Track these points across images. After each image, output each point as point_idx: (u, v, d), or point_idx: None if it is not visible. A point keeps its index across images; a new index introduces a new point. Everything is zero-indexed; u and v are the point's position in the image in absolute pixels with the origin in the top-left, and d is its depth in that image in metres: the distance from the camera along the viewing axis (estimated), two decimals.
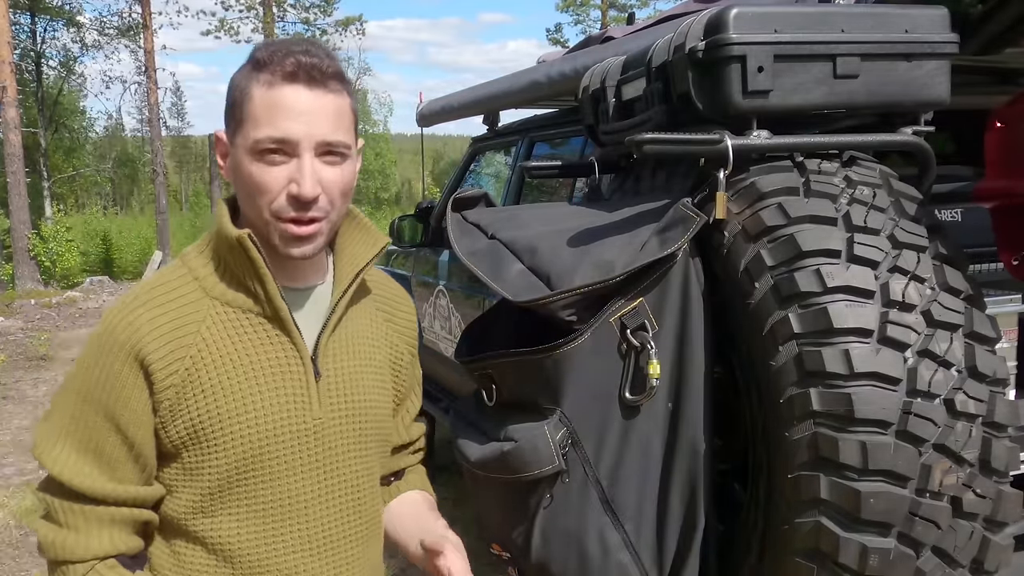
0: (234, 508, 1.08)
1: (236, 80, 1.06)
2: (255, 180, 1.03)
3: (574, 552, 1.54)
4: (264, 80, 1.02)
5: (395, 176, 36.65)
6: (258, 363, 1.07)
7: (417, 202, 4.54)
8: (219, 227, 1.08)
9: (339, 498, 1.14)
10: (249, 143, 1.02)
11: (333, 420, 1.13)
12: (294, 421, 1.09)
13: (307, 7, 26.74)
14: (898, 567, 1.33)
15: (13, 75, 14.94)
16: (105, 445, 1.04)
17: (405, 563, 3.68)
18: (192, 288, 1.08)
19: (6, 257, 16.27)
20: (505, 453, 1.55)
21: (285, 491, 1.09)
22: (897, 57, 1.55)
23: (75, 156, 28.80)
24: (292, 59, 1.02)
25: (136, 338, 1.03)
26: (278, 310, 1.08)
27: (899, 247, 1.41)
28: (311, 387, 1.10)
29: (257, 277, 1.07)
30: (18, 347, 9.01)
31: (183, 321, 1.05)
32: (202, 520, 1.08)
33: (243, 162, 1.04)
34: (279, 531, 1.09)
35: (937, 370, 1.35)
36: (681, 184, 1.66)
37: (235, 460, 1.06)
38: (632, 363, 1.50)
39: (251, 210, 1.06)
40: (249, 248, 1.05)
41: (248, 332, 1.08)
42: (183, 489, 1.08)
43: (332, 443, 1.13)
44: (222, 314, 1.07)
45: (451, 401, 3.84)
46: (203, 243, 1.13)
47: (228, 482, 1.06)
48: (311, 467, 1.11)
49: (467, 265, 1.70)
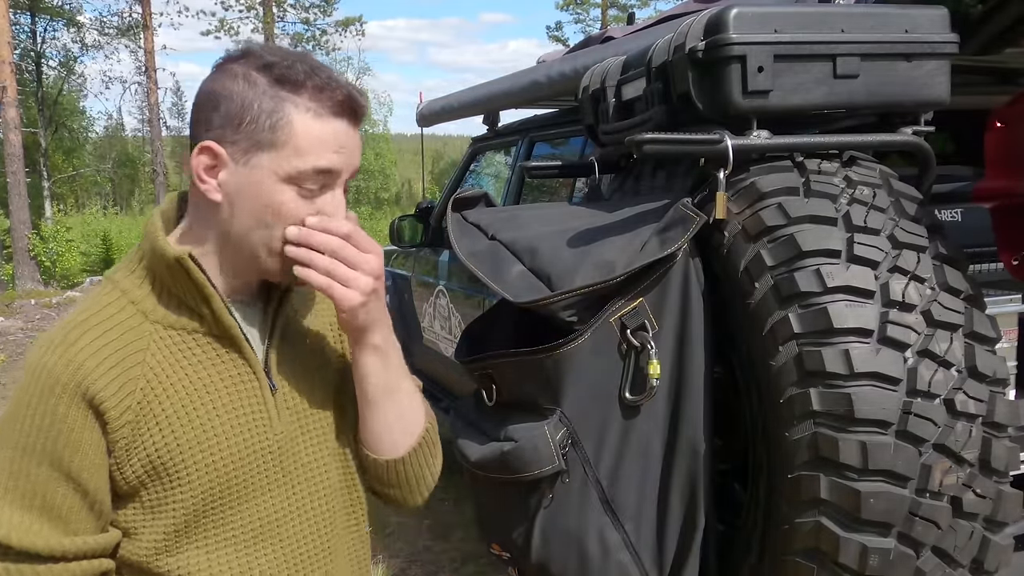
0: (202, 540, 1.01)
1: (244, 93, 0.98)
2: (282, 207, 0.98)
3: (574, 552, 1.54)
4: (307, 107, 0.97)
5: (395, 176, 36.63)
6: (212, 385, 1.01)
7: (417, 202, 4.54)
8: (154, 247, 1.01)
9: (310, 512, 1.09)
10: (287, 171, 0.97)
11: (294, 433, 1.08)
12: (256, 440, 1.03)
13: (307, 7, 26.74)
14: (898, 567, 1.33)
15: (13, 75, 14.94)
16: (55, 497, 0.95)
17: (405, 563, 3.68)
18: (129, 313, 1.00)
19: (6, 257, 16.28)
20: (505, 453, 1.55)
21: (255, 514, 1.04)
22: (897, 57, 1.55)
23: (75, 156, 28.79)
24: (342, 93, 0.99)
25: (81, 375, 0.94)
26: (227, 328, 1.02)
27: (899, 247, 1.41)
28: (268, 402, 1.05)
29: (202, 297, 1.00)
30: (18, 347, 9.01)
31: (127, 351, 0.97)
32: (167, 559, 1.00)
33: (268, 186, 0.98)
34: (253, 556, 1.03)
35: (937, 370, 1.35)
36: (681, 184, 1.66)
37: (201, 491, 0.99)
38: (632, 363, 1.50)
39: (256, 235, 1.00)
40: (191, 270, 0.99)
41: (196, 354, 1.01)
42: (144, 529, 1.00)
43: (296, 456, 1.08)
44: (166, 338, 1.00)
45: (451, 401, 3.84)
46: (132, 262, 1.04)
47: (195, 515, 0.99)
48: (277, 485, 1.05)
49: (468, 266, 1.70)
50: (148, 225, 1.04)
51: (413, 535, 3.97)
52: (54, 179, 24.34)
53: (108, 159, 33.14)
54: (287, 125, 0.97)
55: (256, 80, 0.97)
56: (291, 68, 0.98)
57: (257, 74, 0.98)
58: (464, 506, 4.15)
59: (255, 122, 0.97)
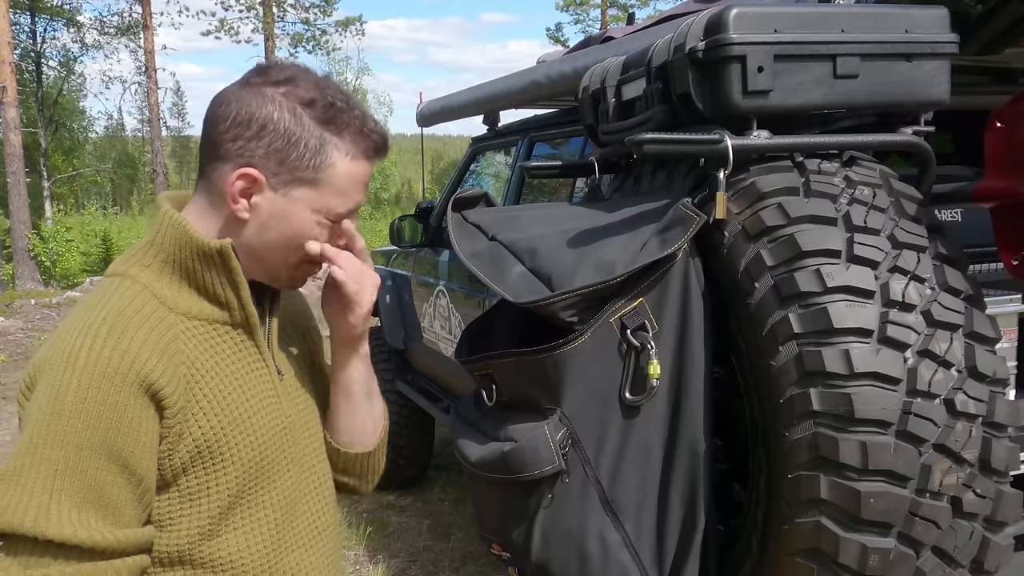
0: (238, 522, 1.05)
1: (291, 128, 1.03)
2: (310, 233, 1.07)
3: (574, 552, 1.54)
4: (347, 151, 1.06)
5: (395, 176, 36.62)
6: (239, 371, 1.07)
7: (417, 202, 4.54)
8: (187, 239, 1.03)
9: (316, 490, 1.18)
10: (325, 207, 1.07)
11: (299, 415, 1.16)
12: (276, 422, 1.11)
13: (307, 7, 26.74)
14: (898, 567, 1.33)
15: (13, 75, 14.94)
16: (110, 490, 0.93)
17: (405, 563, 3.68)
18: (155, 305, 1.02)
19: (6, 257, 16.27)
20: (505, 453, 1.55)
21: (279, 492, 1.10)
22: (897, 57, 1.55)
23: (75, 156, 28.79)
24: (377, 138, 1.09)
25: (139, 364, 0.95)
26: (249, 316, 1.08)
27: (899, 247, 1.41)
28: (278, 386, 1.13)
29: (232, 285, 1.06)
30: (18, 347, 9.01)
31: (167, 339, 1.00)
32: (206, 545, 1.03)
33: (302, 217, 1.06)
34: (280, 534, 1.10)
35: (937, 370, 1.35)
36: (681, 184, 1.66)
37: (238, 474, 1.04)
38: (632, 363, 1.50)
39: (278, 253, 1.08)
40: (230, 258, 1.04)
41: (219, 342, 1.06)
42: (181, 519, 1.01)
43: (302, 437, 1.16)
44: (190, 328, 1.04)
45: (451, 401, 3.84)
46: (145, 256, 1.06)
47: (231, 498, 1.04)
48: (292, 464, 1.13)
49: (469, 267, 1.70)
50: (170, 220, 1.06)
51: (413, 535, 3.97)
52: (54, 179, 24.34)
53: (108, 159, 33.13)
54: (331, 167, 1.05)
55: (302, 117, 1.04)
56: (334, 108, 1.05)
57: (302, 110, 1.04)
58: (464, 506, 4.15)
59: (300, 159, 1.04)
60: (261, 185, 1.04)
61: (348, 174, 1.06)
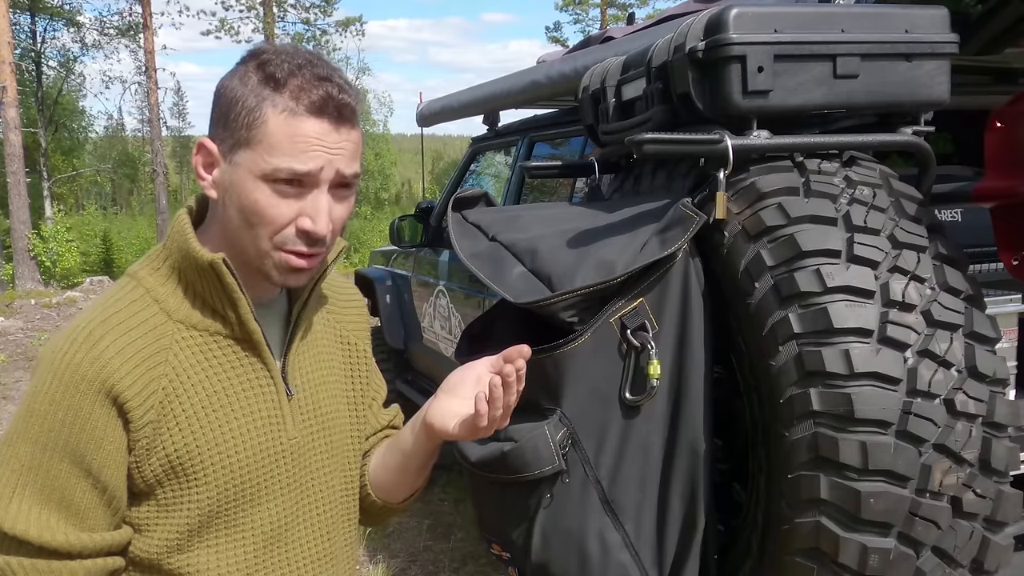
0: (213, 540, 1.02)
1: (236, 90, 0.97)
2: (261, 208, 0.96)
3: (574, 552, 1.54)
4: (284, 106, 0.95)
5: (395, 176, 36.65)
6: (231, 388, 1.02)
7: (417, 202, 4.55)
8: (186, 248, 1.00)
9: (316, 518, 1.12)
10: (261, 169, 0.95)
11: (306, 438, 1.10)
12: (271, 444, 1.05)
13: (307, 7, 26.76)
14: (898, 567, 1.33)
15: (13, 75, 14.95)
16: (73, 493, 0.94)
17: (405, 563, 3.68)
18: (153, 311, 0.99)
19: (6, 257, 16.28)
20: (505, 453, 1.54)
21: (265, 517, 1.05)
22: (897, 57, 1.55)
23: (75, 156, 28.81)
24: (321, 91, 0.96)
25: (106, 373, 0.93)
26: (251, 332, 1.03)
27: (899, 247, 1.41)
28: (284, 407, 1.07)
29: (230, 301, 1.01)
30: (18, 347, 9.01)
31: (150, 350, 0.97)
32: (178, 557, 1.01)
33: (246, 184, 0.96)
34: (261, 558, 1.05)
35: (937, 370, 1.35)
36: (681, 184, 1.66)
37: (216, 492, 1.00)
38: (632, 363, 1.50)
39: (245, 234, 0.99)
40: (224, 274, 0.99)
41: (217, 356, 1.02)
42: (157, 527, 1.00)
43: (307, 462, 1.10)
44: (188, 338, 1.00)
45: None
46: (156, 260, 1.04)
47: (208, 515, 1.00)
48: (288, 489, 1.07)
49: (469, 267, 1.70)
50: (176, 224, 1.04)
51: (413, 535, 3.97)
52: (54, 179, 24.35)
53: (108, 159, 33.15)
54: (262, 123, 0.95)
55: (249, 78, 0.97)
56: (279, 67, 0.96)
57: (252, 72, 0.97)
58: (464, 506, 4.15)
59: (237, 119, 0.96)
60: (216, 156, 0.99)
61: (279, 129, 0.94)
